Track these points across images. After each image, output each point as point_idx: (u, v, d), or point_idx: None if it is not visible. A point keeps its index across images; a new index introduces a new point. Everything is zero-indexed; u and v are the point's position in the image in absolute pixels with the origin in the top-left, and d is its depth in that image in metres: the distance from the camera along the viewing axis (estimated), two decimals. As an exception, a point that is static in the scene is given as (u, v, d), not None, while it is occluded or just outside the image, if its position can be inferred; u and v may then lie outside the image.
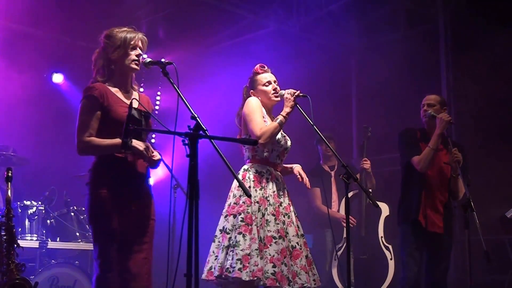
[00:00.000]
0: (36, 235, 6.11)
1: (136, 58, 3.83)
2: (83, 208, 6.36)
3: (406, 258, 5.28)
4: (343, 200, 6.44)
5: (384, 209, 6.45)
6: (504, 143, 7.11)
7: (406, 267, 5.29)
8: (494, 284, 6.83)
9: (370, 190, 6.51)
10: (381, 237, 6.37)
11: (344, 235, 6.01)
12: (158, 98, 8.45)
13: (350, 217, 6.34)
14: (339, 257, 6.34)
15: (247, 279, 4.13)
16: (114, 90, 3.83)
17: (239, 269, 4.14)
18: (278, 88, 4.60)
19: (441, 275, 5.34)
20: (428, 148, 5.19)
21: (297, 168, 4.68)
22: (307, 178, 4.64)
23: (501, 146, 7.12)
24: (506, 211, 6.57)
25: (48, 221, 6.29)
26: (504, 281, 6.71)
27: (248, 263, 4.15)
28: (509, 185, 6.81)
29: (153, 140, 7.63)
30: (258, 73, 4.65)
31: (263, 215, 4.33)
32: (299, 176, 4.62)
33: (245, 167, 4.53)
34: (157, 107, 8.31)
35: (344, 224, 5.99)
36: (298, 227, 4.51)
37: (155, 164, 3.81)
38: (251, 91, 4.64)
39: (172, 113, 3.50)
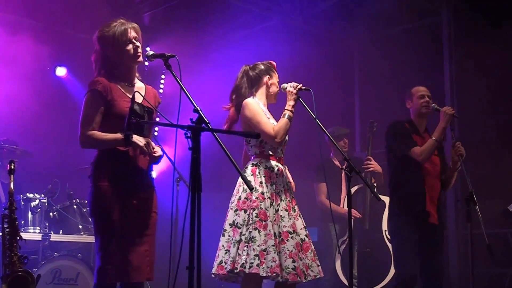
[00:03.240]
0: (39, 228, 6.12)
1: (133, 51, 3.81)
2: (86, 201, 6.37)
3: (404, 253, 5.20)
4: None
5: (388, 203, 6.44)
6: (507, 136, 7.10)
7: (404, 262, 5.18)
8: (497, 277, 6.84)
9: (375, 184, 6.50)
10: (385, 230, 6.36)
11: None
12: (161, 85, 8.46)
13: (354, 210, 6.38)
14: (343, 251, 6.35)
15: (265, 274, 4.12)
16: (119, 84, 3.83)
17: (257, 265, 4.13)
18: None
19: (439, 266, 5.28)
20: (431, 140, 5.17)
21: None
22: (293, 183, 4.63)
23: (504, 139, 7.10)
24: (508, 204, 6.57)
25: (51, 214, 6.30)
26: (507, 274, 6.71)
27: (265, 259, 4.14)
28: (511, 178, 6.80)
29: (156, 133, 7.62)
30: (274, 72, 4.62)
31: (277, 210, 4.32)
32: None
33: (253, 162, 4.47)
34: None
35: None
36: (302, 220, 4.50)
37: (156, 160, 3.83)
38: (254, 88, 4.58)
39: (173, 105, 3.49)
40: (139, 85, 3.95)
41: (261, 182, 4.35)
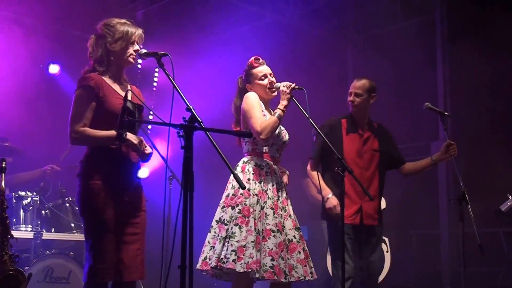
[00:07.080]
0: (30, 226, 6.09)
1: (134, 54, 3.84)
2: (76, 199, 6.34)
3: (335, 255, 5.08)
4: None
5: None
6: (500, 135, 7.11)
7: (335, 262, 5.08)
8: (488, 276, 6.85)
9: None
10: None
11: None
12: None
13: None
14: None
15: (241, 270, 4.12)
16: (110, 81, 3.83)
17: (233, 260, 4.14)
18: (274, 80, 4.56)
19: (370, 266, 5.18)
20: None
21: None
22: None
23: (496, 138, 7.12)
24: (500, 204, 6.58)
25: (43, 212, 6.27)
26: (498, 274, 6.73)
27: (243, 255, 4.15)
28: (504, 178, 6.81)
29: (149, 131, 7.61)
30: (253, 67, 4.57)
31: (262, 208, 4.32)
32: None
33: (245, 159, 4.49)
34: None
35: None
36: (295, 221, 4.50)
37: (146, 157, 3.82)
38: (247, 85, 4.57)
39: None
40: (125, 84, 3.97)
41: (248, 179, 4.36)
